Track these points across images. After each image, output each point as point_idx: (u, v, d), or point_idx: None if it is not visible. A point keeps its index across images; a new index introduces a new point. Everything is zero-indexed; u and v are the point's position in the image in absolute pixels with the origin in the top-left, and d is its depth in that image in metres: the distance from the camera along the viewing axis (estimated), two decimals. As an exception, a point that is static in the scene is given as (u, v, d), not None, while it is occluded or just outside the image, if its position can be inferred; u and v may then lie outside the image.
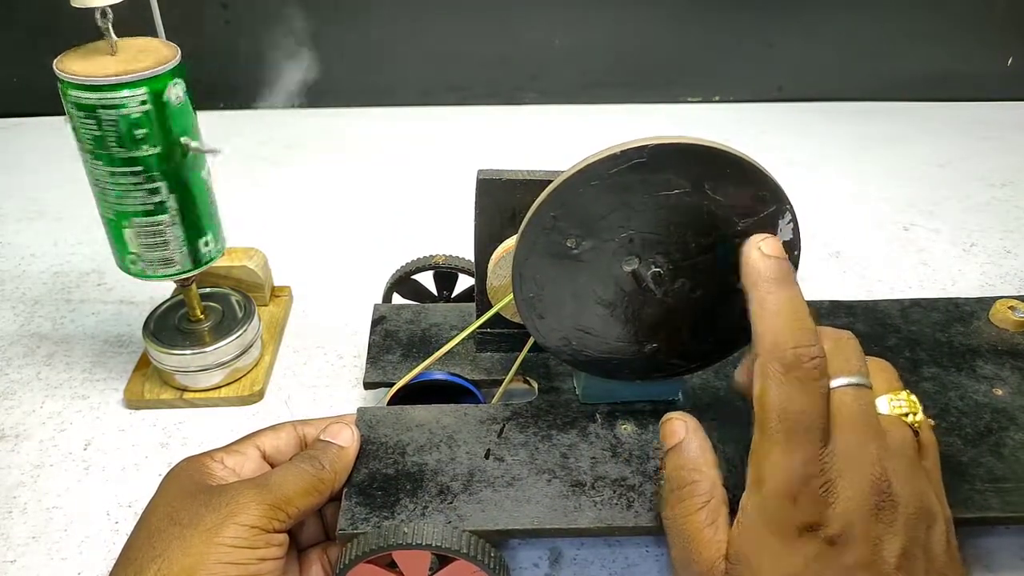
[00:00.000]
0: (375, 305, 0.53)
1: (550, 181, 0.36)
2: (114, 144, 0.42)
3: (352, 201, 0.78)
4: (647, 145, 0.34)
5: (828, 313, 0.51)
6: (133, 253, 0.46)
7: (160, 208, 0.44)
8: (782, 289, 0.32)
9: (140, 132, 0.41)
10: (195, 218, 0.46)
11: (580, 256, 0.37)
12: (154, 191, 0.44)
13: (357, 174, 0.83)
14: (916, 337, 0.49)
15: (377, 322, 0.52)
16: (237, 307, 0.54)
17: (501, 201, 0.42)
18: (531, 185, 0.41)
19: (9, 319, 0.61)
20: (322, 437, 0.39)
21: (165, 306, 0.54)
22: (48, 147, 0.87)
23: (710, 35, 0.97)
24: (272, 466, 0.39)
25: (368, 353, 0.49)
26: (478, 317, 0.46)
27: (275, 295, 0.61)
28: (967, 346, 0.49)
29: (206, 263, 0.48)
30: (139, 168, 0.43)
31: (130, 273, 0.47)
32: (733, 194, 0.35)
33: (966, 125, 0.97)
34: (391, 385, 0.46)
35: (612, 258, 0.37)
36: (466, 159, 0.87)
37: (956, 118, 0.98)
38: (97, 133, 0.41)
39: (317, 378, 0.55)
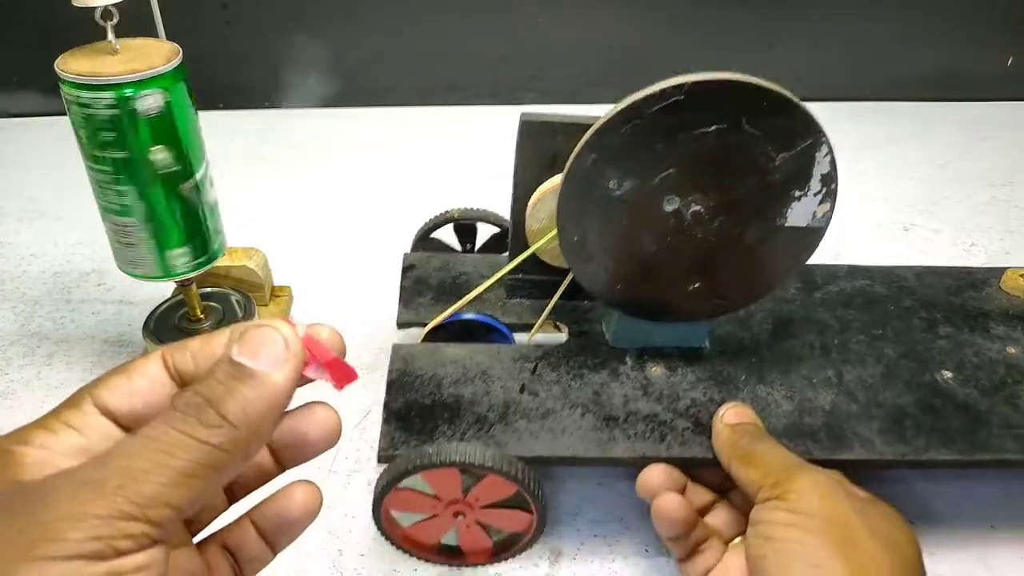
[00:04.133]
0: (404, 254, 0.54)
1: (591, 126, 0.36)
2: (89, 141, 0.42)
3: (352, 201, 0.78)
4: (685, 83, 0.35)
5: (847, 276, 0.53)
6: (113, 246, 0.47)
7: (125, 211, 0.44)
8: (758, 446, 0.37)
9: (108, 135, 0.41)
10: (163, 230, 0.45)
11: (622, 197, 0.38)
12: (122, 193, 0.43)
13: (357, 174, 0.83)
14: (931, 300, 0.51)
15: (407, 269, 0.53)
16: (237, 307, 0.54)
17: (542, 145, 0.42)
18: (572, 129, 0.41)
19: (9, 319, 0.61)
20: (234, 356, 0.22)
21: (165, 306, 0.54)
22: (48, 147, 0.87)
23: (710, 35, 0.97)
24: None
25: (400, 296, 0.50)
26: (511, 261, 0.46)
27: (275, 295, 0.61)
28: (979, 309, 0.50)
29: (179, 274, 0.48)
30: (108, 168, 0.43)
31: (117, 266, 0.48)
32: (770, 129, 0.36)
33: (966, 125, 0.97)
34: (423, 325, 0.47)
35: (654, 198, 0.38)
36: (466, 159, 0.87)
37: (956, 118, 0.98)
38: (85, 130, 0.42)
39: (317, 378, 0.55)
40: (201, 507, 0.26)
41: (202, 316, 0.53)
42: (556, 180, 0.42)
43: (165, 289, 0.62)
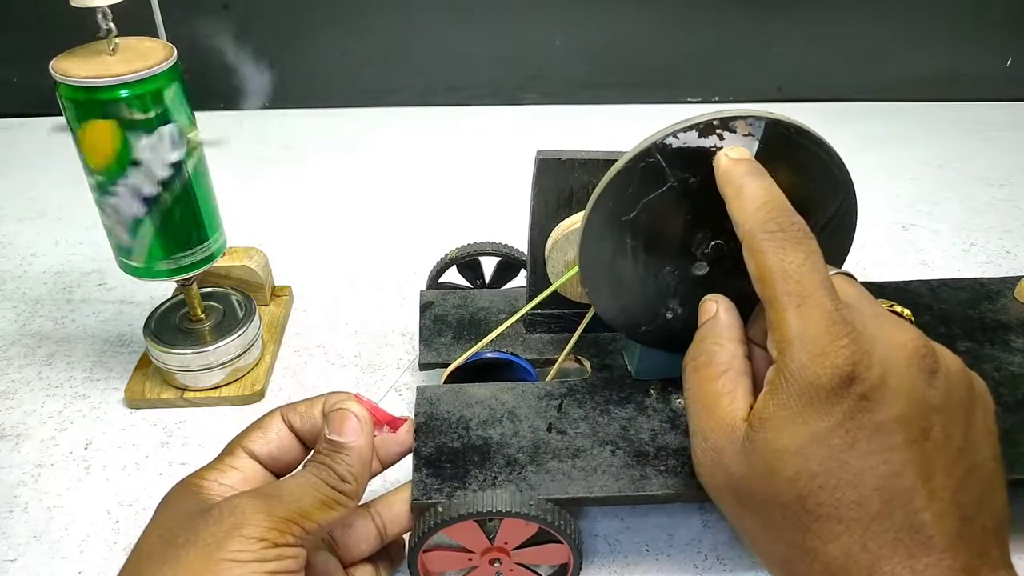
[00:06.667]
0: (421, 292, 0.54)
1: (610, 161, 0.36)
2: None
3: (352, 201, 0.78)
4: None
5: None
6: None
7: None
8: (755, 179, 0.33)
9: (132, 134, 0.41)
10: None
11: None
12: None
13: (357, 174, 0.84)
14: (948, 314, 0.50)
15: (425, 307, 0.52)
16: (238, 307, 0.54)
17: (559, 182, 0.42)
18: (589, 165, 0.41)
19: (10, 319, 0.61)
20: (329, 436, 0.34)
21: (166, 306, 0.54)
22: (48, 147, 0.87)
23: (710, 35, 0.97)
24: (273, 471, 0.37)
25: (420, 336, 0.50)
26: (530, 297, 0.46)
27: (275, 295, 0.61)
28: (997, 322, 0.50)
29: (197, 269, 0.48)
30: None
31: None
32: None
33: (966, 125, 0.97)
34: (446, 365, 0.46)
35: (669, 243, 0.38)
36: (466, 159, 0.87)
37: (956, 118, 0.98)
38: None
39: (317, 378, 0.55)
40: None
41: (203, 316, 0.53)
42: (576, 219, 0.42)
43: (166, 289, 0.62)
